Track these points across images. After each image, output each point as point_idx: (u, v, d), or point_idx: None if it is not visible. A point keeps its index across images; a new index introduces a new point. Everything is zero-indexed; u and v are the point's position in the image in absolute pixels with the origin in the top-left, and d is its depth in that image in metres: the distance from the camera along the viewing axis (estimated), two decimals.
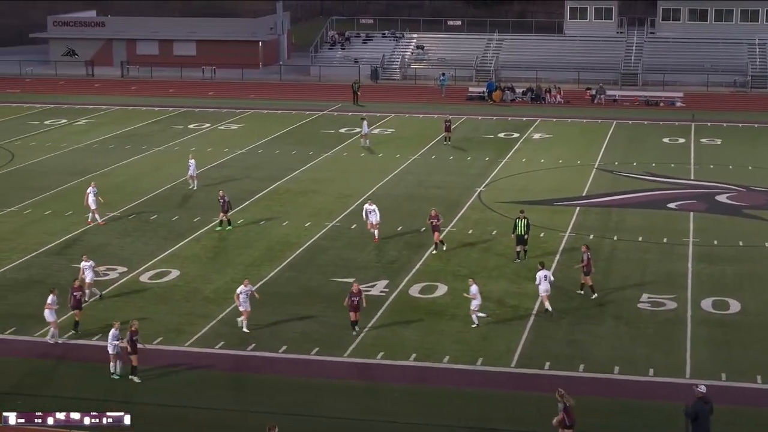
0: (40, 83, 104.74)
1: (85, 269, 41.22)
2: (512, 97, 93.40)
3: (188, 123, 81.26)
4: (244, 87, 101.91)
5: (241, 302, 38.02)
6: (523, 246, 46.32)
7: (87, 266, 41.31)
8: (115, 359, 34.36)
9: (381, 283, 43.30)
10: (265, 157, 68.50)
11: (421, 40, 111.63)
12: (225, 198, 51.10)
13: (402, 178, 62.56)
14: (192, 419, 31.69)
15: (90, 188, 52.61)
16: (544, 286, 39.75)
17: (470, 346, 36.97)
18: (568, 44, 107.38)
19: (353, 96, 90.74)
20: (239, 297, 38.03)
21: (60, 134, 76.94)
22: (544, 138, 75.70)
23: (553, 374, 34.75)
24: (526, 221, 46.37)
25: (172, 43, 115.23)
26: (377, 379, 34.62)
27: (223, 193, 51.84)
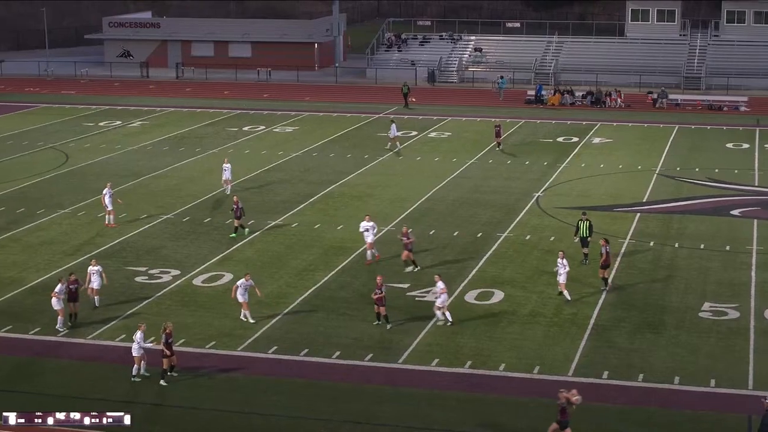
0: (95, 84, 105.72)
1: (92, 274, 41.32)
2: (571, 101, 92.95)
3: (243, 125, 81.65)
4: (300, 89, 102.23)
5: (239, 294, 39.21)
6: (586, 249, 46.15)
7: (94, 271, 41.40)
8: (138, 361, 34.73)
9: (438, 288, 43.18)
10: (319, 160, 68.65)
11: (479, 42, 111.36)
12: (239, 204, 51.08)
13: (458, 182, 62.43)
14: (244, 425, 31.80)
15: (106, 189, 53.05)
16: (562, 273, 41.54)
17: (527, 353, 36.83)
18: (630, 47, 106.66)
19: (404, 99, 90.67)
20: (237, 290, 39.25)
21: (114, 136, 77.60)
22: (604, 142, 75.24)
23: (611, 383, 34.52)
24: (588, 223, 46.21)
25: (228, 45, 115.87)
26: (432, 387, 34.54)
27: (237, 199, 51.90)
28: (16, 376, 35.31)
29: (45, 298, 41.35)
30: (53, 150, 72.22)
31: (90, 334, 38.65)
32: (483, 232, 51.74)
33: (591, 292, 42.68)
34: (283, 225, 52.97)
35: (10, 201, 57.59)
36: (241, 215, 50.93)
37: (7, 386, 34.37)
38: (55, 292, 38.89)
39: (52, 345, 37.89)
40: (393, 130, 71.74)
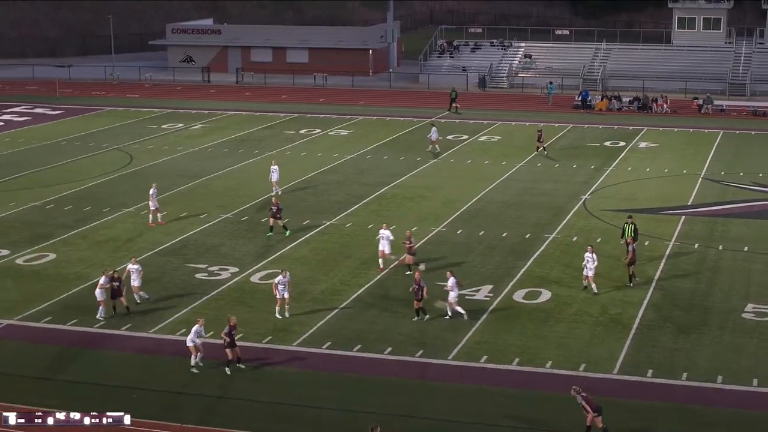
0: (158, 88, 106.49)
1: (132, 272, 41.57)
2: (618, 106, 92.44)
3: (299, 128, 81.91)
4: (355, 94, 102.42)
5: (279, 291, 39.48)
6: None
7: (134, 269, 41.63)
8: (194, 351, 35.08)
9: (485, 288, 43.17)
10: (373, 163, 68.74)
11: (528, 49, 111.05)
12: (279, 206, 51.33)
13: (508, 185, 62.28)
14: (298, 417, 31.92)
15: (152, 189, 53.46)
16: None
17: (573, 351, 36.67)
18: (676, 54, 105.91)
19: (450, 103, 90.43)
20: (278, 286, 39.52)
21: (176, 138, 78.14)
22: (650, 147, 74.75)
23: (655, 382, 34.30)
24: (633, 226, 45.97)
25: (286, 51, 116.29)
26: (481, 383, 34.48)
27: (276, 200, 52.18)
28: (81, 366, 35.66)
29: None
30: (118, 151, 72.84)
31: (151, 328, 38.95)
32: (531, 233, 51.58)
33: (636, 293, 42.46)
34: (337, 225, 53.10)
35: (77, 200, 58.16)
36: (279, 216, 51.16)
37: (73, 377, 34.75)
38: (101, 283, 39.58)
39: (116, 338, 38.21)
40: (433, 133, 71.70)
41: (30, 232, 51.76)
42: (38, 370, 35.32)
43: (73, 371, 35.24)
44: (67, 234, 51.56)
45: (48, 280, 44.29)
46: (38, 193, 59.75)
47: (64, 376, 34.85)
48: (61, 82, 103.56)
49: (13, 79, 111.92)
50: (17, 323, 39.65)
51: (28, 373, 35.11)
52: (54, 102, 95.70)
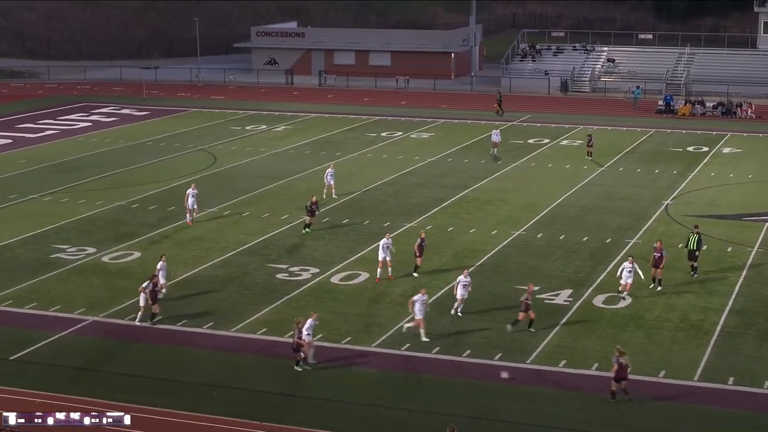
0: (242, 90, 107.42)
1: (160, 270, 41.75)
2: (702, 111, 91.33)
3: (381, 131, 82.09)
4: (436, 97, 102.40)
5: (416, 311, 37.84)
6: (693, 262, 45.20)
7: (163, 267, 41.95)
8: (309, 348, 35.31)
9: (565, 293, 42.90)
10: (454, 166, 68.66)
11: (611, 53, 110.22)
12: (317, 205, 52.18)
13: (588, 189, 61.83)
14: (375, 417, 32.00)
15: (190, 189, 53.91)
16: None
17: (653, 357, 36.29)
18: (762, 59, 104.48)
19: (497, 106, 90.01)
20: (414, 305, 37.92)
21: (259, 140, 78.73)
22: (734, 152, 73.75)
23: (737, 389, 33.83)
24: (697, 237, 45.23)
25: (368, 54, 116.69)
26: (559, 387, 34.28)
27: (316, 199, 52.74)
28: (163, 364, 36.08)
29: (193, 292, 42.29)
30: (202, 152, 73.60)
31: (233, 327, 39.26)
32: (612, 237, 51.17)
33: (717, 299, 41.92)
34: (417, 227, 53.06)
35: (162, 199, 58.85)
36: (314, 214, 51.91)
37: (156, 374, 35.17)
38: (143, 287, 39.55)
39: (198, 336, 38.59)
40: (495, 136, 71.47)
41: (115, 231, 52.49)
42: (122, 366, 35.79)
43: (155, 368, 35.66)
44: (151, 233, 52.21)
45: (133, 279, 44.78)
46: (124, 192, 60.57)
47: (147, 372, 35.26)
48: (147, 84, 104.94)
49: (101, 80, 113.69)
50: (102, 320, 40.21)
51: (113, 369, 35.59)
52: (140, 103, 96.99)
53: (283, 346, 36.90)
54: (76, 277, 45.45)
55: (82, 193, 60.53)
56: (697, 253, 45.24)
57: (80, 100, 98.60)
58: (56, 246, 49.85)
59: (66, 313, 40.85)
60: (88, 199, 58.88)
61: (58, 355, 36.79)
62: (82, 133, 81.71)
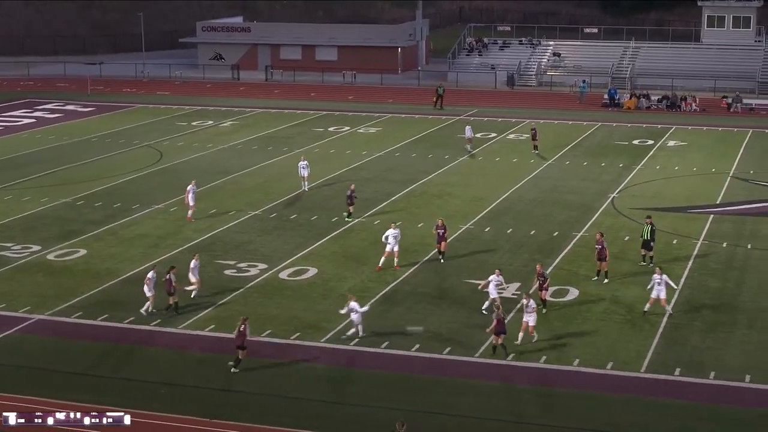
0: (188, 86, 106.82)
1: (193, 269, 41.77)
2: (647, 105, 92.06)
3: (328, 126, 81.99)
4: (383, 91, 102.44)
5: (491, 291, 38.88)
6: (648, 251, 45.70)
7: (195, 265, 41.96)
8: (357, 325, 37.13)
9: (513, 286, 43.05)
10: (401, 160, 68.71)
11: (557, 47, 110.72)
12: (354, 193, 53.37)
13: (536, 183, 62.13)
14: (324, 413, 31.93)
15: (190, 186, 53.75)
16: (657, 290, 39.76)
17: (601, 350, 36.53)
18: (705, 52, 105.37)
19: (437, 100, 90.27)
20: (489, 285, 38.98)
21: (206, 135, 78.35)
22: (679, 145, 74.42)
23: (683, 380, 34.13)
24: (651, 227, 45.73)
25: (315, 49, 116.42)
26: (507, 380, 34.41)
27: (354, 187, 53.86)
28: (110, 362, 35.80)
29: (139, 289, 41.93)
30: (148, 148, 73.13)
31: (181, 324, 39.06)
32: (559, 231, 51.45)
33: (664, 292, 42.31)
34: (365, 222, 53.10)
35: (108, 196, 58.40)
36: (352, 202, 53.04)
37: (103, 372, 34.89)
38: (148, 278, 39.71)
39: (145, 333, 38.34)
40: (468, 132, 71.73)
41: (60, 228, 52.03)
42: (69, 365, 35.47)
43: (103, 367, 35.37)
44: (97, 230, 51.78)
45: (79, 276, 44.50)
46: (69, 189, 60.03)
47: (94, 371, 34.98)
48: (92, 80, 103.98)
49: (45, 76, 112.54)
50: (48, 318, 39.85)
51: (59, 368, 35.26)
52: (85, 99, 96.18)
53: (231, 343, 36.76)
54: (21, 275, 44.99)
55: (26, 190, 59.93)
56: (652, 243, 45.79)
57: (24, 96, 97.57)
58: (0, 244, 49.31)
59: (11, 311, 40.42)
60: (33, 197, 58.31)
61: (3, 354, 36.39)
62: (26, 130, 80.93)
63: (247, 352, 34.72)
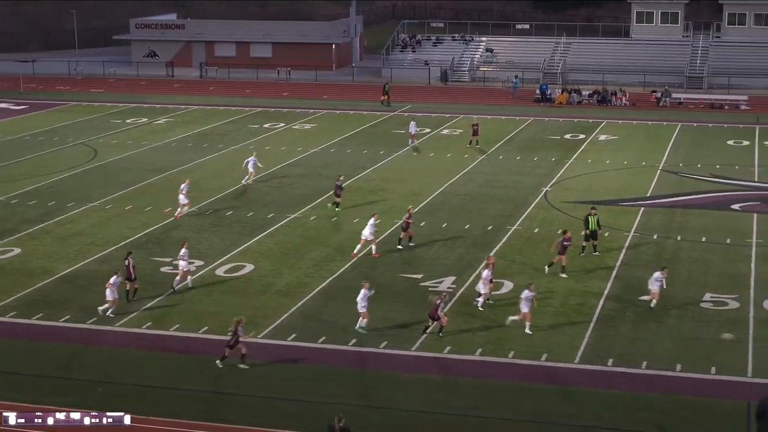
0: (122, 83, 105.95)
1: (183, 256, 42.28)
2: (579, 100, 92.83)
3: (263, 122, 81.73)
4: (318, 88, 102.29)
5: (523, 305, 37.66)
6: (594, 240, 46.26)
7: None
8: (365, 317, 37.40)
9: (448, 280, 43.25)
10: (337, 156, 68.69)
11: (490, 43, 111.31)
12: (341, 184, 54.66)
13: (470, 177, 62.42)
14: (264, 409, 31.84)
15: (183, 184, 53.46)
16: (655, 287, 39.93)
17: (535, 342, 36.79)
18: (635, 48, 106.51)
19: (384, 96, 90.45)
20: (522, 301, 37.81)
21: (141, 132, 77.77)
22: (610, 139, 75.13)
23: (616, 371, 34.49)
24: (597, 218, 46.29)
25: (249, 45, 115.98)
26: (445, 373, 34.56)
27: (342, 177, 55.50)
28: (46, 360, 35.42)
29: (74, 287, 41.60)
30: (83, 146, 72.42)
31: (117, 322, 38.74)
32: (493, 225, 51.74)
33: (596, 283, 42.70)
34: (301, 218, 53.05)
35: (42, 194, 57.77)
36: (339, 194, 54.08)
37: (39, 371, 34.49)
38: (110, 283, 39.12)
39: (81, 332, 37.97)
40: (412, 127, 71.94)
41: None
42: (5, 364, 35.02)
43: (37, 365, 34.96)
44: (32, 228, 51.21)
45: (13, 275, 43.98)
46: (2, 188, 59.28)
47: (32, 370, 34.56)
48: (25, 78, 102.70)
49: None
50: None
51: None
52: (17, 97, 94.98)
53: (168, 340, 36.63)
54: None
55: None
56: (599, 232, 46.53)
57: None
58: None
59: None
60: None
61: None
62: None
63: (234, 352, 34.39)
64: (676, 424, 30.82)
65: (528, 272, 43.81)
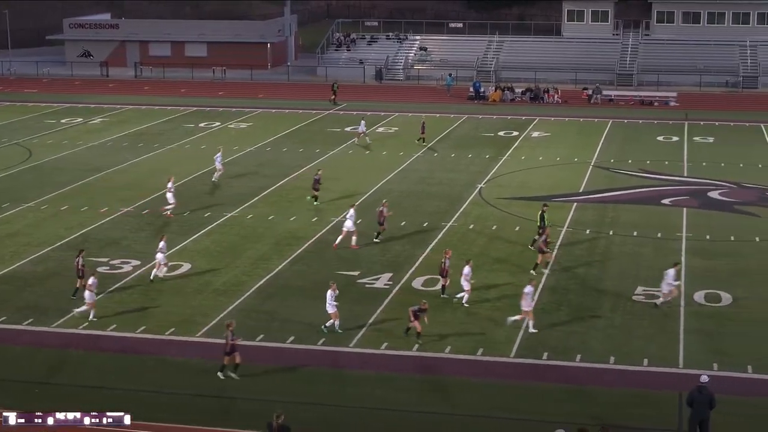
0: (56, 83, 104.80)
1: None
2: (512, 97, 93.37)
3: (199, 122, 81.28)
4: (254, 87, 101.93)
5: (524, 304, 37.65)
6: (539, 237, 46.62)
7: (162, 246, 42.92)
8: (335, 317, 37.04)
9: (385, 276, 43.31)
10: (273, 155, 68.50)
11: (423, 41, 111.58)
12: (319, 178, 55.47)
13: (405, 175, 62.55)
14: (201, 406, 31.68)
15: (169, 183, 53.24)
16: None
17: (471, 337, 36.94)
18: (566, 46, 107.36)
19: (333, 96, 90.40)
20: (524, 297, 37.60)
21: (76, 133, 76.99)
22: (543, 136, 75.67)
23: (550, 364, 34.74)
24: (541, 213, 46.75)
25: (184, 45, 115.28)
26: (382, 369, 34.59)
27: (321, 172, 56.25)
28: None
29: (10, 288, 41.07)
30: (17, 146, 71.53)
31: (54, 323, 38.32)
32: (429, 221, 51.87)
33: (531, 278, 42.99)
34: (238, 216, 52.84)
35: None
36: (317, 188, 55.08)
37: None
38: (89, 284, 38.66)
39: (19, 333, 37.53)
40: (362, 126, 72.00)
41: None
42: None
43: None
44: None
45: None
46: None
47: None
48: None
49: None
50: None
51: None
52: None
53: (107, 340, 36.34)
54: None
55: None
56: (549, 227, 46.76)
57: None
58: None
59: None
60: None
61: None
62: None
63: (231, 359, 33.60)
64: (610, 415, 31.09)
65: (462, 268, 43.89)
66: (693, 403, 28.69)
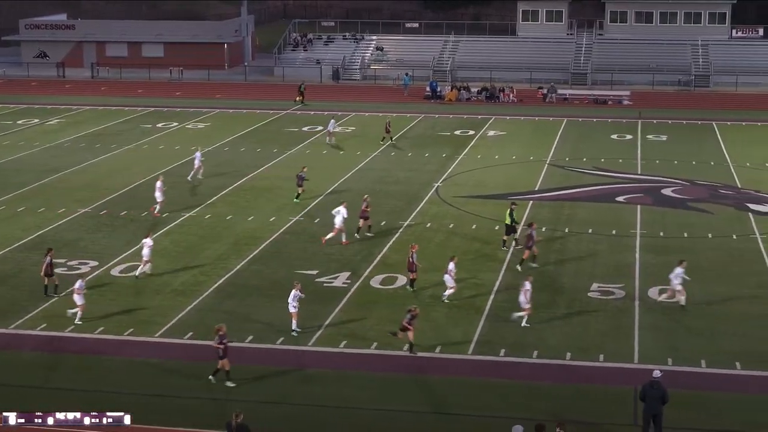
0: (12, 84, 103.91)
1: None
2: (467, 96, 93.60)
3: (156, 122, 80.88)
4: (211, 87, 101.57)
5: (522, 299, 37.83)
6: (514, 234, 46.85)
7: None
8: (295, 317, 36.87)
9: (343, 275, 43.29)
10: (230, 155, 68.29)
11: (380, 41, 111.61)
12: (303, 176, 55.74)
13: (363, 174, 62.55)
14: (162, 406, 31.52)
15: (159, 182, 53.02)
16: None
17: (429, 334, 36.98)
18: (521, 45, 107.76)
19: (300, 96, 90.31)
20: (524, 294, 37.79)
21: (32, 133, 76.37)
22: (498, 135, 75.94)
23: (508, 360, 34.88)
24: (509, 211, 46.83)
25: (141, 45, 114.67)
26: (341, 368, 34.58)
27: (306, 169, 56.39)
28: None
29: None
30: None
31: (11, 324, 38.01)
32: (386, 220, 51.89)
33: (487, 276, 43.11)
34: (196, 216, 52.64)
35: None
36: (301, 184, 55.31)
37: None
38: (76, 288, 38.29)
39: None
40: (331, 125, 71.97)
41: None
42: None
43: None
44: None
45: None
46: None
47: None
48: None
49: None
50: None
51: None
52: None
53: (64, 341, 36.09)
54: None
55: None
56: (517, 226, 47.18)
57: None
58: None
59: None
60: None
61: None
62: None
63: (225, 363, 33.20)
64: (567, 410, 31.26)
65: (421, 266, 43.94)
66: (645, 398, 28.93)
